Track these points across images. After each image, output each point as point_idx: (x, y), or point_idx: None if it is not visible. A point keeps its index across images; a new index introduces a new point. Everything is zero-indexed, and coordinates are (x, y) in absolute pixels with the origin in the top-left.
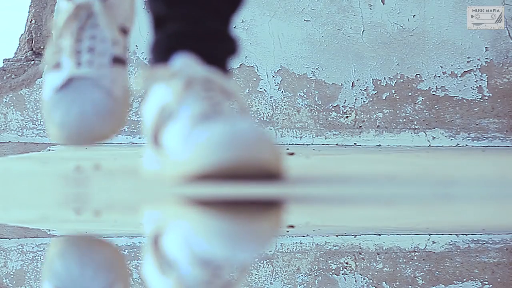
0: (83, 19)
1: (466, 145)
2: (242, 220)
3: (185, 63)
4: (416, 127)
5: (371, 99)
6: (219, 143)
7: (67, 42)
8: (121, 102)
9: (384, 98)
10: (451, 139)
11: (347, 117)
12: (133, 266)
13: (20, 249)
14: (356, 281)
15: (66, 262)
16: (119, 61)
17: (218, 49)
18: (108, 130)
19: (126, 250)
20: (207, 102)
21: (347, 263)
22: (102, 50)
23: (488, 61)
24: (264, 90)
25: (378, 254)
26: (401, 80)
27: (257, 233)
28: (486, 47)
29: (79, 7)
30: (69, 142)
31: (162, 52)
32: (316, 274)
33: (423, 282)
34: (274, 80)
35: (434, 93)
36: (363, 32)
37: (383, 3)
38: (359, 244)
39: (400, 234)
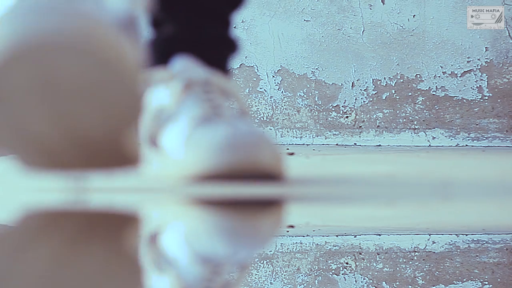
0: None
1: (466, 145)
2: (242, 220)
3: (184, 65)
4: (416, 127)
5: (371, 99)
6: (220, 145)
7: None
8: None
9: (384, 98)
10: (451, 139)
11: (347, 117)
12: None
13: None
14: (356, 281)
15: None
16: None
17: (217, 51)
18: None
19: None
20: (207, 104)
21: (347, 263)
22: None
23: (488, 61)
24: (264, 90)
25: (378, 254)
26: (401, 80)
27: (257, 232)
28: (486, 47)
29: None
30: None
31: (161, 54)
32: (316, 274)
33: (423, 282)
34: (274, 80)
35: (434, 93)
36: (363, 32)
37: (383, 3)
38: (359, 244)
39: (400, 234)
